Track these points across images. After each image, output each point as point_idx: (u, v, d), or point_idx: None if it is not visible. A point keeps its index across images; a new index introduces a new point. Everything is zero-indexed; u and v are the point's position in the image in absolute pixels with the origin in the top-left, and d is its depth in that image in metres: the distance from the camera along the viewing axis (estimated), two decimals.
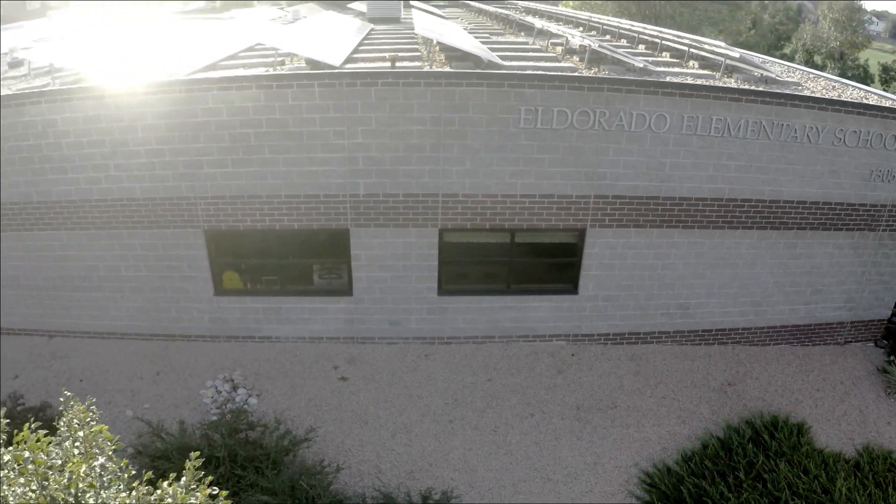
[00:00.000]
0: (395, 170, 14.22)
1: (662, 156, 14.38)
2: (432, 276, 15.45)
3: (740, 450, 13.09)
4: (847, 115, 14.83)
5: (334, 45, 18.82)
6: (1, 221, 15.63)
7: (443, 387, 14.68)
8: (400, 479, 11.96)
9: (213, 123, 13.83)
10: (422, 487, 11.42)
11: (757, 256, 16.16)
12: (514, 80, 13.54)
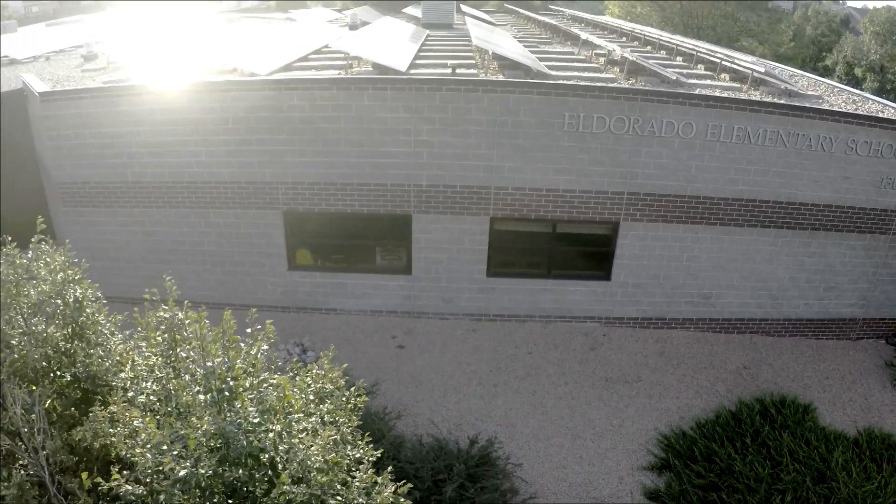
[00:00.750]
0: (454, 164, 16.25)
1: (689, 159, 16.22)
2: (482, 259, 17.45)
3: (749, 420, 14.83)
4: (859, 127, 16.48)
5: (398, 51, 20.82)
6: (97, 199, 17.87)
7: (488, 357, 16.64)
8: (450, 429, 13.92)
9: (296, 118, 15.95)
10: (469, 435, 13.38)
11: (774, 253, 17.84)
12: (560, 90, 15.50)
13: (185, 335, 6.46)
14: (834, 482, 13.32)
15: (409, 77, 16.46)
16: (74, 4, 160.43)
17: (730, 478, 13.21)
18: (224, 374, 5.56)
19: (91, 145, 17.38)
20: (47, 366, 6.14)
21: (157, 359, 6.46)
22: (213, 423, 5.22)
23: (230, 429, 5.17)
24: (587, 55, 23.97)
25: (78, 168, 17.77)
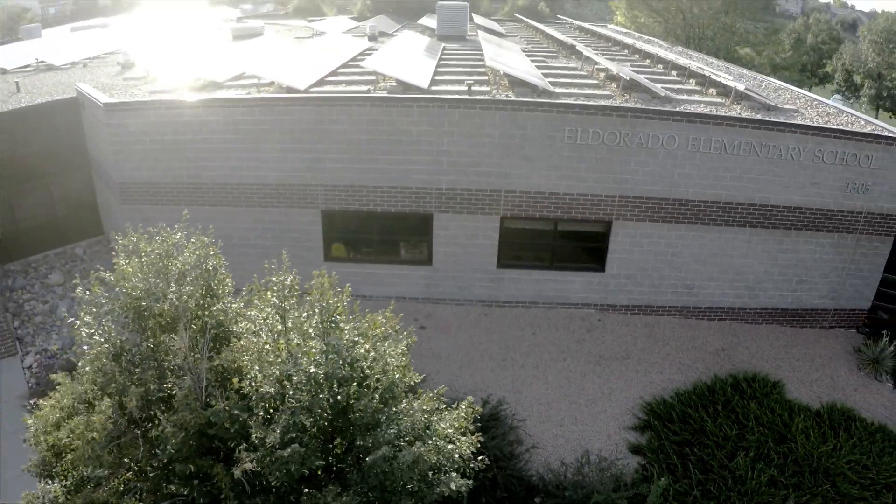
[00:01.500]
0: (469, 170, 18.86)
1: (672, 167, 18.75)
2: (493, 252, 20.05)
3: (721, 391, 17.35)
4: (825, 139, 18.94)
5: (419, 68, 23.39)
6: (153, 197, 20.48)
7: (498, 337, 19.19)
8: (465, 394, 16.41)
9: (334, 130, 18.57)
10: (482, 397, 15.93)
11: (749, 249, 20.31)
12: (561, 108, 18.10)
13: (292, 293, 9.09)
14: (793, 443, 15.81)
15: (432, 96, 19.07)
16: (91, 5, 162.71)
17: (701, 436, 15.74)
18: (330, 312, 8.10)
19: (150, 150, 19.98)
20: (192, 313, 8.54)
21: (270, 309, 8.98)
22: (323, 343, 7.76)
23: (336, 342, 7.68)
24: (589, 70, 26.48)
25: (137, 170, 20.36)
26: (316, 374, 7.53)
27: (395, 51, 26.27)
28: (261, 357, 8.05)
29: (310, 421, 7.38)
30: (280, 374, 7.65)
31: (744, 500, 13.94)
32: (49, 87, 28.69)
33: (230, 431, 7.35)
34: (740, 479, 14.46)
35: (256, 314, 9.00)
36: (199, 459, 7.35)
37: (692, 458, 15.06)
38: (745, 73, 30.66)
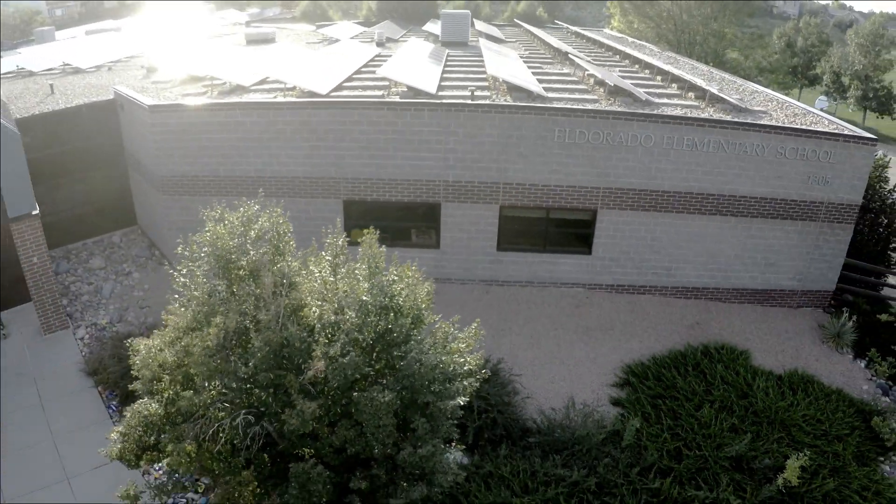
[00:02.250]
0: (473, 165, 21.56)
1: (650, 162, 21.43)
2: (493, 237, 22.76)
3: (692, 356, 20.01)
4: (787, 137, 21.56)
5: (427, 74, 26.03)
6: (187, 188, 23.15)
7: (497, 311, 21.83)
8: None
9: (355, 130, 21.27)
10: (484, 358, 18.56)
11: (721, 235, 22.92)
12: (552, 112, 20.83)
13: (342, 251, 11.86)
14: (754, 399, 18.42)
15: (440, 101, 21.79)
16: (98, 5, 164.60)
17: (673, 391, 18.41)
18: (375, 261, 10.82)
19: (189, 147, 22.63)
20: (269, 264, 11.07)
21: (325, 264, 11.67)
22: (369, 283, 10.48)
23: (379, 281, 10.38)
24: (580, 76, 29.10)
25: (177, 165, 22.99)
26: (366, 303, 10.21)
27: (404, 58, 28.87)
28: (321, 296, 10.75)
29: (360, 338, 10.04)
30: (338, 305, 10.31)
31: (707, 442, 16.53)
32: (80, 89, 31.20)
33: (299, 350, 9.96)
34: (705, 425, 17.09)
35: (313, 268, 11.66)
36: (276, 371, 9.96)
37: (664, 408, 17.73)
38: (725, 78, 33.22)
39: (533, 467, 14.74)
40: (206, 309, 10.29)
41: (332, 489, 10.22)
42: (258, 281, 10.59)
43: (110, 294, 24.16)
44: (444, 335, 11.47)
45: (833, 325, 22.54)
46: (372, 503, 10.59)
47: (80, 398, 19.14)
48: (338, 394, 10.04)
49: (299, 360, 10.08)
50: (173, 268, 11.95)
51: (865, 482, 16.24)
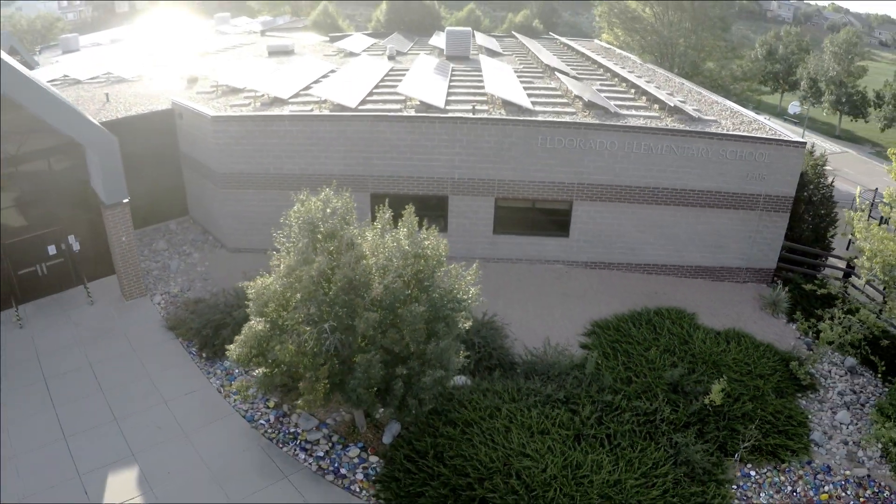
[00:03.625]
0: (474, 166, 27.08)
1: (614, 163, 26.90)
2: (490, 223, 28.27)
3: (646, 315, 25.40)
4: (727, 142, 26.94)
5: (436, 90, 31.50)
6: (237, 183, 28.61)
7: (494, 282, 27.20)
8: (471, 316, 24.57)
9: (381, 138, 26.76)
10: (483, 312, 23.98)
11: (675, 222, 28.32)
12: (536, 123, 26.38)
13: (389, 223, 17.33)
14: (693, 346, 23.66)
15: (447, 116, 27.29)
16: (109, 7, 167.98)
17: (628, 338, 23.80)
18: (412, 226, 16.40)
19: (245, 150, 28.07)
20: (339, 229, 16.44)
21: (377, 230, 17.21)
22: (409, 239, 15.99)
23: (415, 237, 15.95)
24: (564, 90, 34.54)
25: (235, 164, 28.43)
26: (407, 251, 15.69)
27: (416, 75, 34.35)
28: (374, 250, 16.25)
29: (403, 273, 15.53)
30: (388, 255, 15.80)
31: (651, 373, 21.86)
32: (131, 98, 36.18)
33: (363, 282, 15.40)
34: (651, 361, 22.44)
35: (367, 234, 17.14)
36: (348, 294, 15.38)
37: (620, 350, 23.16)
38: (693, 90, 38.61)
39: (518, 385, 20.18)
40: (304, 256, 15.70)
41: (383, 375, 15.71)
42: (333, 240, 16.02)
43: (177, 269, 29.55)
44: (455, 273, 16.83)
45: (771, 295, 27.72)
46: (409, 385, 16.07)
47: (165, 347, 24.54)
48: (388, 311, 15.51)
49: (363, 291, 15.54)
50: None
51: (780, 407, 21.22)
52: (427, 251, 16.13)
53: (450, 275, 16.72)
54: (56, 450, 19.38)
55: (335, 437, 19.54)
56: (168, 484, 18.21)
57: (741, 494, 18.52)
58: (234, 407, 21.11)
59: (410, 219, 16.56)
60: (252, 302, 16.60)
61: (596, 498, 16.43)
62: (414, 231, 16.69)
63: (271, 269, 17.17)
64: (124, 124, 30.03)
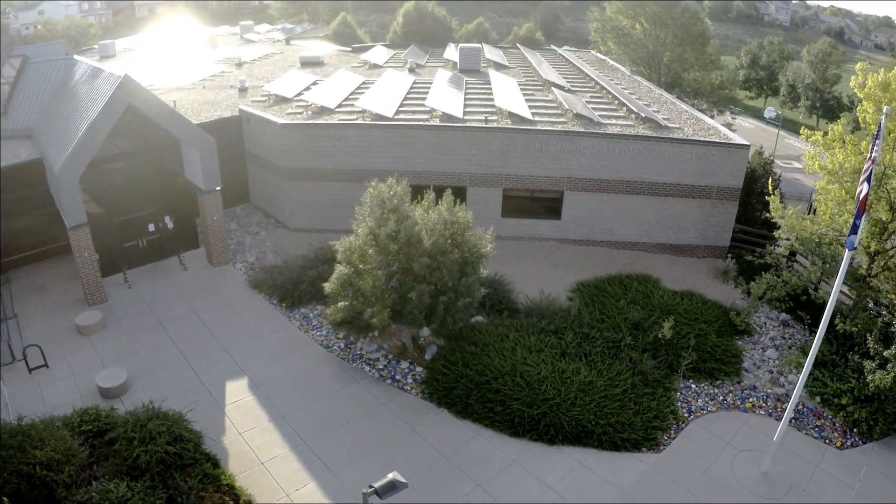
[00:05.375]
0: (486, 164, 34.93)
1: (595, 161, 34.66)
2: (499, 208, 36.09)
3: (619, 278, 32.99)
4: (684, 145, 34.56)
5: (455, 103, 39.28)
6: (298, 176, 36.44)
7: (502, 254, 34.41)
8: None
9: (415, 142, 34.60)
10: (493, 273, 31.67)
11: (644, 208, 35.96)
12: (534, 132, 34.22)
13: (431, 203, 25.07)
14: (654, 299, 31.14)
15: (466, 126, 35.09)
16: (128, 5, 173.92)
17: (603, 293, 31.39)
18: (450, 203, 24.13)
19: (307, 150, 35.86)
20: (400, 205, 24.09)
21: (425, 207, 24.95)
22: (447, 211, 23.73)
23: (452, 209, 23.67)
24: (558, 103, 42.26)
25: (298, 162, 36.24)
26: (446, 218, 23.45)
27: (438, 90, 42.11)
28: (423, 219, 24.04)
29: (444, 233, 23.32)
30: (433, 223, 23.57)
31: (619, 316, 29.40)
32: (193, 103, 44.08)
33: (416, 239, 23.15)
34: (620, 309, 30.01)
35: (417, 209, 24.89)
36: (406, 248, 23.14)
37: (597, 301, 30.82)
38: (669, 100, 46.20)
39: (520, 321, 27.95)
40: (378, 222, 23.45)
41: (429, 303, 23.55)
42: (395, 212, 23.78)
43: (250, 244, 37.34)
44: (478, 235, 24.53)
45: (722, 266, 35.22)
46: (447, 309, 23.86)
47: (251, 300, 32.29)
48: (433, 259, 23.32)
49: (416, 245, 23.31)
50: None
51: (718, 343, 28.31)
52: (459, 219, 23.87)
53: (474, 236, 24.44)
54: (182, 369, 27.14)
55: (390, 356, 27.37)
56: (270, 387, 25.97)
57: (683, 399, 25.82)
58: (312, 338, 28.92)
59: (448, 198, 24.26)
60: (340, 253, 24.38)
61: (575, 391, 24.03)
62: (450, 206, 24.40)
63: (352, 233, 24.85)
64: (205, 128, 37.54)
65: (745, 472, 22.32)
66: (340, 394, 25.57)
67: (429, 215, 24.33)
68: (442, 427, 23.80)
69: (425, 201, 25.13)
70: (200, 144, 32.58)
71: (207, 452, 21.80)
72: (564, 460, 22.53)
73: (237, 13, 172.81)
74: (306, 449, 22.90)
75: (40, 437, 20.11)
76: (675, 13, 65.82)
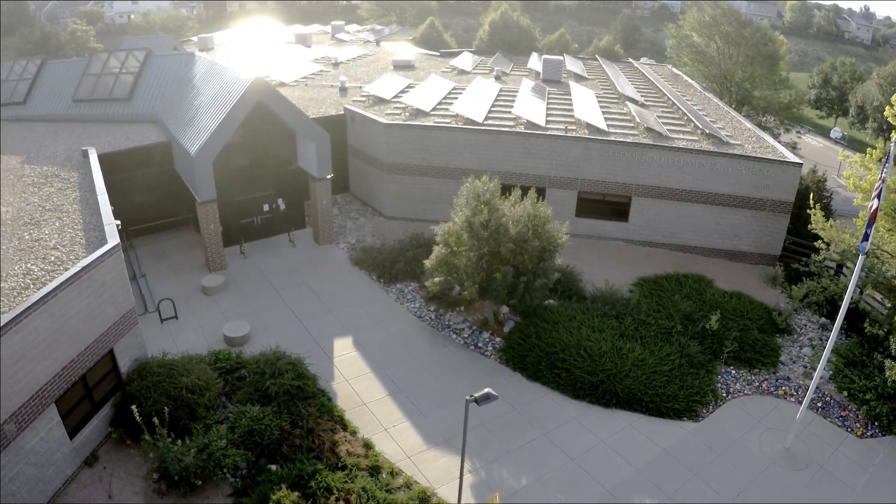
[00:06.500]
0: (564, 169, 39.51)
1: (660, 170, 38.91)
2: (573, 208, 40.59)
3: (675, 276, 37.18)
4: (741, 160, 38.47)
5: (538, 112, 43.84)
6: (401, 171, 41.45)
7: (574, 249, 38.57)
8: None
9: (503, 146, 39.39)
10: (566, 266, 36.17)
11: (703, 215, 39.98)
12: (608, 142, 38.70)
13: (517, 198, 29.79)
14: (705, 296, 35.28)
15: (548, 133, 39.71)
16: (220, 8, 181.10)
17: (660, 288, 35.64)
18: (534, 199, 28.89)
19: (406, 147, 40.81)
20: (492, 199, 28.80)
21: (510, 201, 29.64)
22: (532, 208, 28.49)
23: (535, 203, 28.39)
24: (631, 116, 46.53)
25: (398, 157, 41.27)
26: (530, 211, 28.06)
27: (523, 99, 46.75)
28: (510, 211, 28.72)
29: (528, 224, 27.99)
30: (519, 215, 28.24)
31: (673, 308, 33.70)
32: (298, 100, 48.76)
33: (504, 228, 27.85)
34: (675, 302, 34.28)
35: (504, 203, 29.59)
36: (495, 234, 27.84)
37: (654, 294, 35.10)
38: (734, 118, 49.89)
39: (586, 306, 32.48)
40: (473, 211, 28.22)
41: (512, 282, 28.30)
42: (487, 206, 28.52)
43: (350, 228, 42.47)
44: (556, 227, 29.12)
45: (771, 273, 39.08)
46: (526, 287, 28.55)
47: (353, 275, 37.36)
48: (517, 244, 28.05)
49: (504, 232, 28.03)
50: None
51: (759, 338, 32.26)
52: (540, 212, 28.55)
53: (553, 228, 29.08)
54: (295, 327, 32.29)
55: (474, 328, 32.18)
56: (371, 346, 30.94)
57: (723, 381, 29.89)
58: (406, 309, 33.88)
59: (532, 195, 28.95)
60: (439, 236, 29.24)
61: (629, 365, 28.44)
62: (534, 202, 29.06)
63: (440, 222, 29.63)
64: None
65: (771, 445, 26.04)
66: (431, 355, 30.38)
67: (515, 209, 28.99)
68: (515, 387, 28.43)
69: (512, 197, 29.77)
70: (316, 137, 37.66)
71: (323, 389, 26.97)
72: (616, 421, 26.86)
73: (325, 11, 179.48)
74: (402, 396, 27.77)
75: (185, 367, 25.30)
76: (746, 33, 69.21)
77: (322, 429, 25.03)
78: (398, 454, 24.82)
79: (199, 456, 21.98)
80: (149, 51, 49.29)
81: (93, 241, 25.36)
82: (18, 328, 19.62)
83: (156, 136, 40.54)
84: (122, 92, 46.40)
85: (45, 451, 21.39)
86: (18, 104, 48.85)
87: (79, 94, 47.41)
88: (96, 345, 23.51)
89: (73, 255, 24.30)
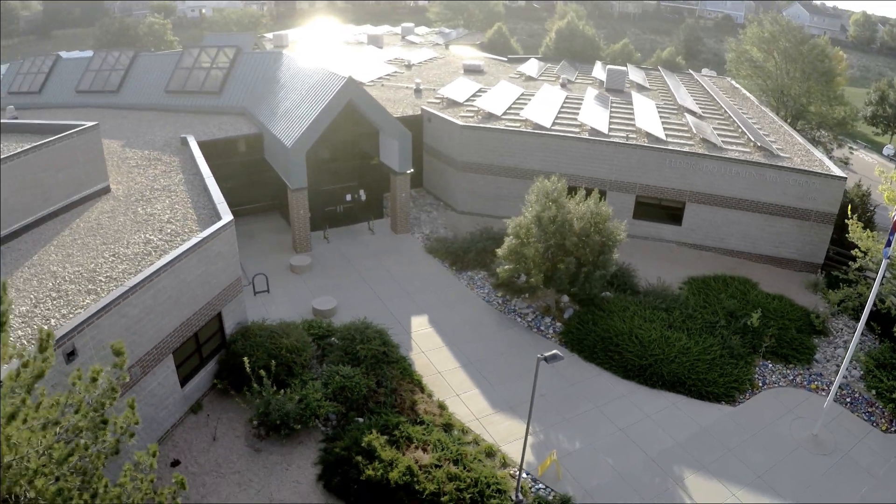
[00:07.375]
0: (623, 173, 43.02)
1: (713, 179, 42.14)
2: (631, 211, 44.01)
3: (723, 277, 40.37)
4: (790, 173, 41.46)
5: (601, 120, 47.33)
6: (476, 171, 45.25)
7: (630, 249, 42.20)
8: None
9: (568, 150, 43.06)
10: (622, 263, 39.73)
11: (751, 222, 42.95)
12: (665, 151, 42.08)
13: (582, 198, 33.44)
14: (749, 297, 38.47)
15: (610, 140, 43.19)
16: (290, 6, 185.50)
17: (708, 287, 38.86)
18: (597, 200, 32.41)
19: (479, 147, 44.59)
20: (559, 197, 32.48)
21: (575, 200, 33.29)
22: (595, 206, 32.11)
23: (597, 203, 31.98)
24: (688, 127, 49.74)
25: (471, 157, 45.08)
26: (593, 209, 31.63)
27: (588, 107, 50.26)
28: (575, 209, 32.37)
29: (590, 220, 31.63)
30: (583, 212, 31.88)
31: (718, 305, 36.95)
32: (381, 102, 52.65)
33: (569, 223, 31.52)
34: (720, 300, 37.44)
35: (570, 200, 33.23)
36: (561, 228, 31.52)
37: (702, 292, 38.34)
38: (787, 133, 52.65)
39: (639, 299, 35.94)
40: (542, 207, 31.90)
41: (574, 272, 31.96)
42: (555, 203, 32.18)
43: (425, 220, 46.39)
44: (615, 225, 32.60)
45: (813, 279, 41.94)
46: (587, 277, 32.18)
47: (428, 262, 41.23)
48: (580, 238, 31.70)
49: (569, 227, 31.67)
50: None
51: (797, 337, 35.21)
52: (602, 211, 32.15)
53: (612, 225, 32.62)
54: (376, 304, 36.19)
55: (537, 313, 35.88)
56: (445, 324, 34.76)
57: (759, 373, 32.93)
58: (476, 295, 37.68)
59: (595, 194, 32.57)
60: (510, 229, 33.00)
61: (675, 352, 31.83)
62: (597, 201, 32.65)
63: (508, 218, 33.34)
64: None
65: (800, 431, 28.89)
66: (498, 335, 34.12)
67: (579, 206, 32.64)
68: (573, 367, 32.04)
69: (577, 196, 33.40)
70: (399, 135, 41.59)
71: (404, 356, 30.90)
72: (661, 400, 30.24)
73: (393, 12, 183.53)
74: (472, 368, 31.54)
75: (284, 331, 29.29)
76: (804, 49, 71.66)
77: (403, 389, 28.86)
78: (468, 416, 28.47)
79: (298, 405, 25.87)
80: (238, 48, 53.61)
81: (203, 218, 29.73)
82: (150, 286, 23.59)
83: (247, 128, 44.81)
84: (213, 86, 50.86)
85: (161, 395, 25.36)
86: (112, 92, 53.50)
87: (171, 85, 52.03)
88: (209, 306, 27.61)
89: (185, 228, 28.65)
